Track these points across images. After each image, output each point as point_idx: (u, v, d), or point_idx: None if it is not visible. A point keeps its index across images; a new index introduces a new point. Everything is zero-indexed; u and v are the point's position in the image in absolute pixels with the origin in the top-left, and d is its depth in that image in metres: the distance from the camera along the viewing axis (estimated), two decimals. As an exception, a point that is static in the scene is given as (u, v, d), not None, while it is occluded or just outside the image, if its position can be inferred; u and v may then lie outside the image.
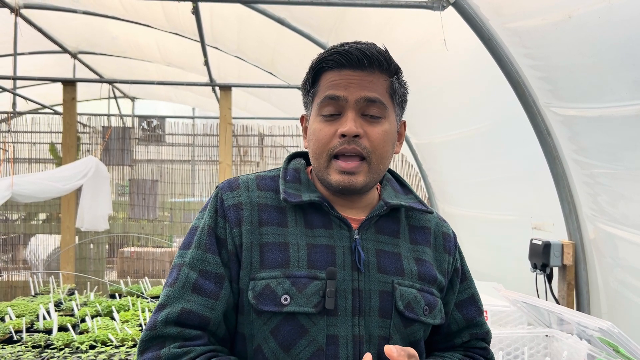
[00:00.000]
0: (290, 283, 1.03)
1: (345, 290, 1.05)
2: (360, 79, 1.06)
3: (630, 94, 1.94)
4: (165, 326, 1.01)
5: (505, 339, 2.08)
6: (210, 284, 1.04)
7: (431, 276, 1.14)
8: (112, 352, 2.69)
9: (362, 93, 1.06)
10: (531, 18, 2.26)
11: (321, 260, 1.05)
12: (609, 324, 1.63)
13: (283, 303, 1.01)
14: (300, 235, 1.08)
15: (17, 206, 7.24)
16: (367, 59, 1.06)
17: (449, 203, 4.64)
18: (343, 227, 1.10)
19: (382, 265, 1.09)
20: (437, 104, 3.88)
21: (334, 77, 1.07)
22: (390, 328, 1.06)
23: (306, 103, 1.16)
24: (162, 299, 1.05)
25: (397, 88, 1.11)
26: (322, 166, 1.09)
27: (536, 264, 2.81)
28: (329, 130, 1.07)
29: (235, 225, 1.07)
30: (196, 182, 7.97)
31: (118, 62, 7.52)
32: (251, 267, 1.05)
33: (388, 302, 1.07)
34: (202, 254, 1.06)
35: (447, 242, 1.22)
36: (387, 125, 1.09)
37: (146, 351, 1.01)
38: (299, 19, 4.40)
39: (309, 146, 1.13)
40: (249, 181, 1.14)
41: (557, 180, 2.67)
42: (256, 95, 7.94)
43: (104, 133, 7.16)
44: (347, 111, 1.06)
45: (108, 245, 7.79)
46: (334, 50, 1.08)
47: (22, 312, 3.45)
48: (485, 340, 1.25)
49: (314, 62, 1.10)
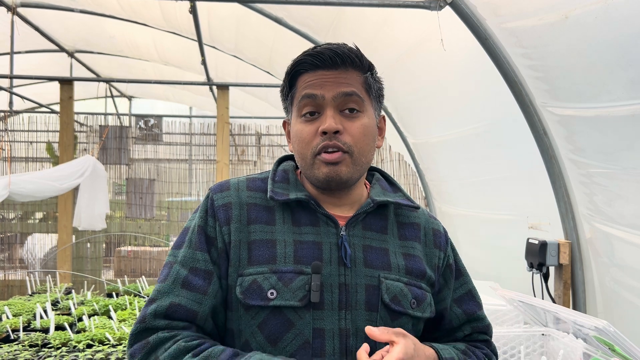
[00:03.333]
0: (277, 278, 1.05)
1: (332, 285, 1.07)
2: (335, 76, 1.10)
3: (627, 94, 1.95)
4: (154, 319, 1.05)
5: (501, 337, 2.09)
6: (199, 280, 1.07)
7: (420, 270, 1.16)
8: (109, 351, 2.68)
9: (338, 89, 1.09)
10: (528, 18, 2.27)
11: (307, 255, 1.08)
12: (605, 323, 1.63)
13: (269, 297, 1.04)
14: (288, 233, 1.11)
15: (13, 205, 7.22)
16: (339, 58, 1.10)
17: (446, 202, 4.64)
18: (330, 224, 1.12)
19: (369, 260, 1.11)
20: (434, 104, 3.89)
21: (310, 78, 1.11)
22: (377, 321, 1.08)
23: (286, 108, 1.20)
24: (152, 294, 1.09)
25: (372, 83, 1.14)
26: (308, 164, 1.12)
27: (532, 263, 2.82)
28: (310, 130, 1.11)
29: (224, 224, 1.11)
30: (193, 181, 7.96)
31: (115, 61, 7.50)
32: (239, 264, 1.08)
33: (374, 295, 1.09)
34: (192, 252, 1.10)
35: (438, 238, 1.24)
36: (365, 119, 1.12)
37: (136, 342, 1.05)
38: (297, 18, 4.40)
39: (293, 148, 1.16)
40: (239, 183, 1.18)
41: (554, 179, 2.68)
42: (254, 95, 7.94)
43: (101, 132, 7.15)
44: (325, 109, 1.10)
45: (105, 244, 7.78)
46: (307, 53, 1.12)
47: (18, 311, 3.45)
48: (486, 334, 1.27)
49: (289, 66, 1.14)
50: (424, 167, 4.89)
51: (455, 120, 3.68)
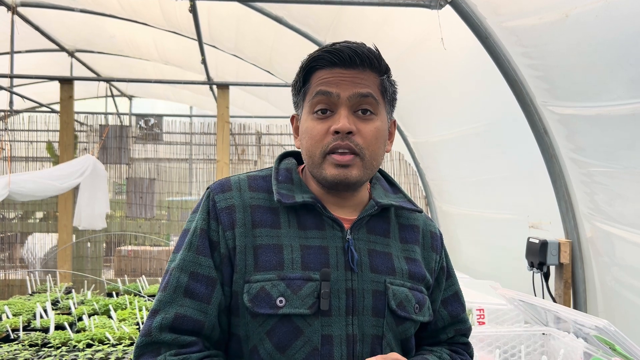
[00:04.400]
0: (285, 285, 1.03)
1: (339, 291, 1.06)
2: (352, 76, 1.07)
3: (628, 93, 1.95)
4: (160, 332, 1.01)
5: (502, 337, 2.08)
6: (202, 287, 1.04)
7: (420, 275, 1.16)
8: (109, 351, 2.68)
9: (354, 90, 1.07)
10: (528, 17, 2.27)
11: (315, 261, 1.06)
12: (606, 322, 1.63)
13: (278, 305, 1.02)
14: (294, 237, 1.08)
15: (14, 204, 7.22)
16: (358, 57, 1.07)
17: (446, 202, 4.64)
18: (335, 227, 1.11)
19: (375, 265, 1.11)
20: (435, 103, 3.89)
21: (326, 75, 1.08)
22: (384, 327, 1.08)
23: (297, 102, 1.17)
24: (155, 304, 1.05)
25: (387, 86, 1.13)
26: (316, 163, 1.09)
27: (533, 262, 2.82)
28: (321, 128, 1.08)
29: (228, 228, 1.07)
30: (193, 180, 7.96)
31: (115, 61, 7.50)
32: (245, 270, 1.05)
33: (381, 301, 1.08)
34: (193, 256, 1.06)
35: (435, 241, 1.25)
36: (378, 122, 1.10)
37: (141, 357, 1.02)
38: (297, 17, 4.40)
39: (301, 145, 1.13)
40: (240, 182, 1.14)
41: (554, 179, 2.68)
42: (254, 94, 7.93)
43: (101, 131, 7.15)
44: (339, 108, 1.07)
45: (105, 243, 7.78)
46: (325, 49, 1.09)
47: (19, 311, 3.44)
48: (466, 335, 1.29)
49: (305, 61, 1.11)
50: (425, 167, 4.88)
51: (455, 119, 3.68)
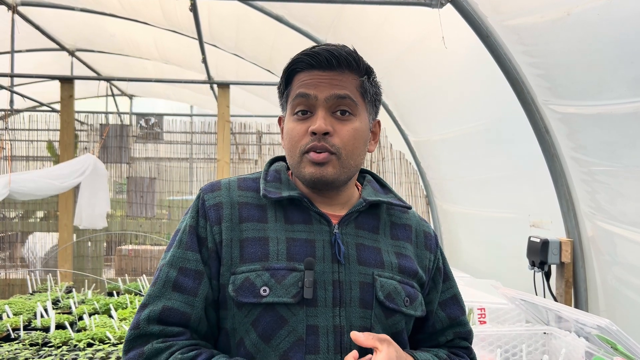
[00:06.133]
0: (269, 275, 1.05)
1: (326, 282, 1.08)
2: (330, 78, 1.11)
3: (629, 92, 1.94)
4: (148, 324, 1.04)
5: (503, 336, 2.08)
6: (189, 280, 1.08)
7: (412, 270, 1.17)
8: (110, 350, 2.68)
9: (331, 91, 1.10)
10: (530, 15, 2.26)
11: (300, 253, 1.08)
12: (607, 322, 1.63)
13: (262, 294, 1.04)
14: (280, 230, 1.11)
15: (14, 204, 7.23)
16: (335, 60, 1.10)
17: (447, 201, 4.64)
18: (323, 222, 1.13)
19: (362, 258, 1.12)
20: (435, 102, 3.88)
21: (305, 78, 1.12)
22: (372, 318, 1.09)
23: (282, 105, 1.21)
24: (144, 299, 1.09)
25: (368, 87, 1.15)
26: (295, 162, 1.13)
27: (534, 261, 2.82)
28: (301, 129, 1.11)
29: (215, 224, 1.11)
30: (194, 179, 7.96)
31: (116, 60, 7.50)
32: (231, 262, 1.08)
33: (369, 293, 1.10)
34: (182, 252, 1.10)
35: (428, 241, 1.26)
36: (357, 123, 1.13)
37: (131, 350, 1.04)
38: (297, 16, 4.40)
39: (284, 145, 1.17)
40: (230, 183, 1.19)
41: (556, 177, 2.67)
42: (254, 93, 7.93)
43: (101, 131, 7.16)
44: (317, 110, 1.11)
45: (106, 243, 7.79)
46: (305, 52, 1.13)
47: (19, 310, 3.45)
48: (467, 340, 1.28)
49: (287, 65, 1.15)
50: (425, 165, 4.88)
51: (456, 118, 3.67)
